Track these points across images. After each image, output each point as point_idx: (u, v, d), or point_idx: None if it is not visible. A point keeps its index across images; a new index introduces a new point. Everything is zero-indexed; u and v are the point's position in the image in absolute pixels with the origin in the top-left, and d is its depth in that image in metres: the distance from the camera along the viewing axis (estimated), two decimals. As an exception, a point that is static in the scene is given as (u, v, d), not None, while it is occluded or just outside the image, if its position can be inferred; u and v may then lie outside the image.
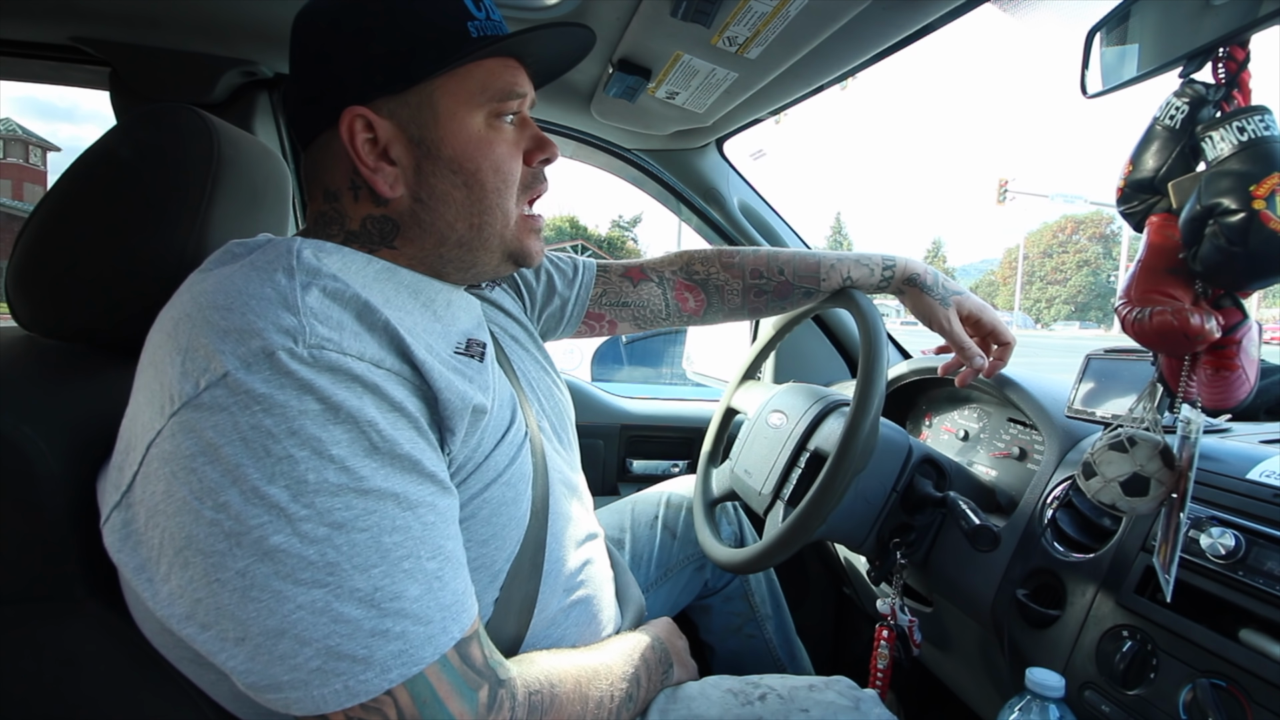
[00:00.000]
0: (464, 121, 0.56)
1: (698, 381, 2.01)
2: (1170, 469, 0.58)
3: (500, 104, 0.58)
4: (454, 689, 0.45)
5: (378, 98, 0.55)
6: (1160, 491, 0.58)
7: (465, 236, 0.59)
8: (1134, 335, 0.60)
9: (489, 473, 0.55)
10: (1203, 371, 0.60)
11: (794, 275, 0.94)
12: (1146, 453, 0.58)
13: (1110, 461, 0.60)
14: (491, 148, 0.58)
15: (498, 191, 0.58)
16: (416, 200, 0.57)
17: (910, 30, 0.87)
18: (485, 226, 0.59)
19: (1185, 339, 0.57)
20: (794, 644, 1.08)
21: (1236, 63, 0.54)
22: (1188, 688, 0.56)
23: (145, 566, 0.42)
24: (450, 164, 0.56)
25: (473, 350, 0.58)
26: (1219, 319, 0.57)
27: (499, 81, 0.58)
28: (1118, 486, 0.60)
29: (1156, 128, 0.60)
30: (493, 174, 0.58)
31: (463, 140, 0.56)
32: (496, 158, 0.58)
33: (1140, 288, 0.60)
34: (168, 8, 0.97)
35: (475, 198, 0.58)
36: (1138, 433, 0.60)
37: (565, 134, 1.36)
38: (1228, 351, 0.58)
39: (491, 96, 0.57)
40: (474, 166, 0.57)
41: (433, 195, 0.57)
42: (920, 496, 0.84)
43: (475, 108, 0.57)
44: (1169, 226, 0.59)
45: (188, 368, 0.42)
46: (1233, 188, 0.52)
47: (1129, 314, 0.60)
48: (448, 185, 0.57)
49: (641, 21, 0.89)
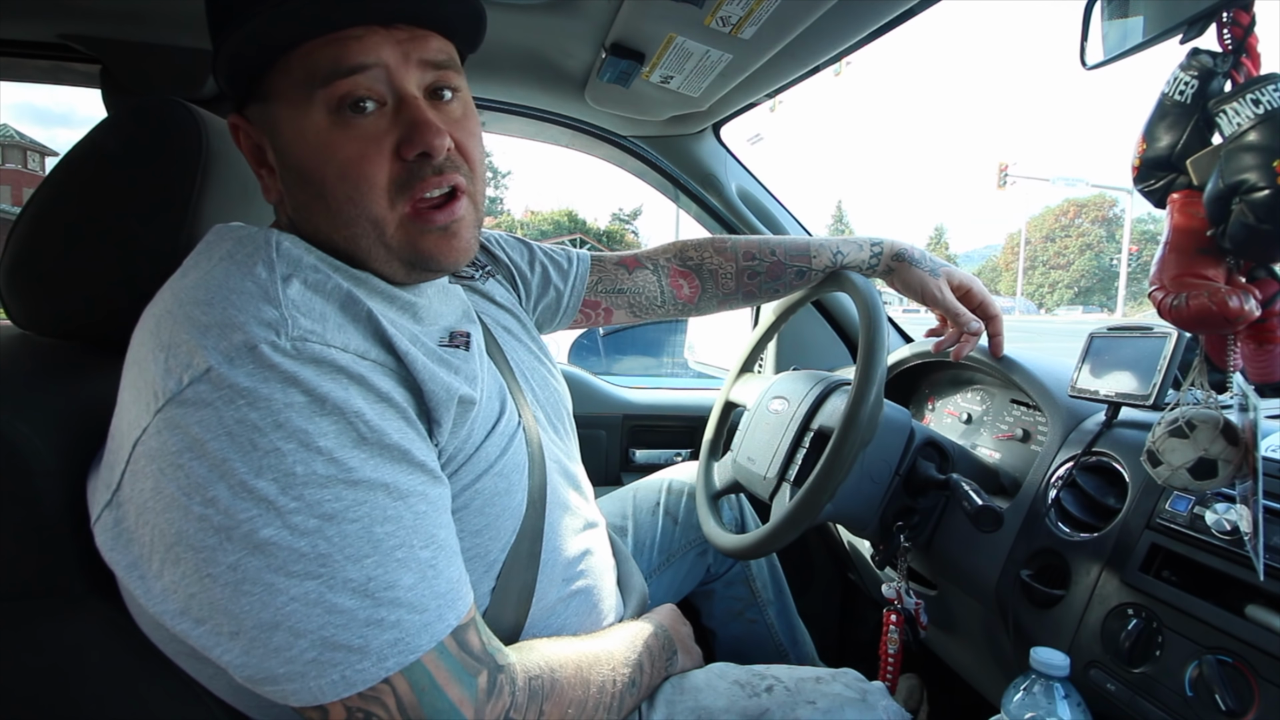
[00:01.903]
0: (300, 124, 0.49)
1: (699, 371, 2.00)
2: (1235, 445, 0.56)
3: (328, 89, 0.48)
4: (452, 675, 0.45)
5: (247, 104, 0.52)
6: (1229, 470, 0.56)
7: (345, 247, 0.52)
8: (1173, 321, 0.59)
9: (480, 464, 0.55)
10: (1246, 347, 0.59)
11: (785, 255, 0.95)
12: (1208, 435, 0.57)
13: (1174, 449, 0.59)
14: (334, 150, 0.49)
15: (351, 200, 0.50)
16: (292, 207, 0.53)
17: (906, 6, 0.86)
18: (357, 238, 0.51)
19: (1225, 321, 0.55)
20: (796, 629, 1.08)
21: (1242, 28, 0.53)
22: (1193, 664, 0.56)
23: (137, 564, 0.42)
24: (299, 175, 0.50)
25: (456, 341, 0.58)
26: (1257, 295, 0.56)
27: (320, 60, 0.47)
28: (1185, 473, 0.58)
29: (1166, 103, 0.58)
30: (339, 181, 0.49)
31: (303, 145, 0.49)
32: (341, 161, 0.49)
33: (1172, 271, 0.58)
34: (156, 2, 0.96)
35: (332, 209, 0.50)
36: (1195, 413, 0.58)
37: (560, 122, 1.35)
38: (1269, 324, 0.57)
39: (317, 82, 0.48)
40: (319, 175, 0.49)
41: (299, 204, 0.52)
42: (923, 479, 0.84)
43: (308, 104, 0.48)
44: (1193, 204, 0.57)
45: (170, 364, 0.42)
46: (1256, 164, 0.50)
47: (1164, 300, 0.58)
48: (305, 196, 0.51)
49: (633, 3, 0.88)
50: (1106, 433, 0.76)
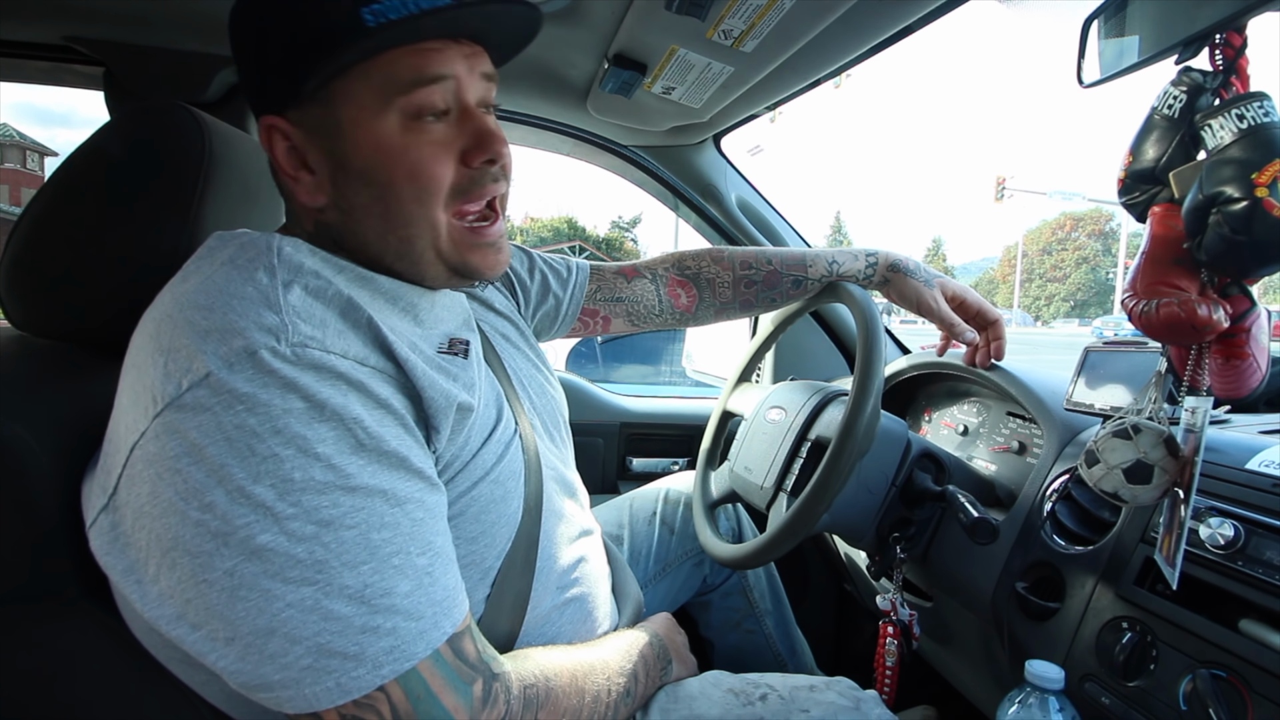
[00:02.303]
0: (371, 128, 0.50)
1: (697, 379, 2.01)
2: (1174, 458, 0.57)
3: (409, 96, 0.50)
4: (448, 683, 0.45)
5: (289, 106, 0.51)
6: (1164, 480, 0.58)
7: (398, 249, 0.54)
8: (1141, 328, 0.60)
9: (476, 471, 0.55)
10: (1213, 361, 0.59)
11: (781, 265, 0.97)
12: (1150, 440, 0.58)
13: (1114, 449, 0.60)
14: (405, 153, 0.51)
15: (417, 200, 0.52)
16: (339, 210, 0.53)
17: (906, 22, 0.87)
18: (413, 240, 0.53)
19: (1193, 330, 0.56)
20: (795, 639, 1.08)
21: (1233, 49, 0.54)
22: (1188, 678, 0.56)
23: (133, 569, 0.42)
24: (361, 177, 0.52)
25: (455, 348, 0.57)
26: (1226, 308, 0.57)
27: (411, 72, 0.50)
28: (1120, 474, 0.59)
29: (1155, 117, 0.59)
30: (408, 182, 0.51)
31: (371, 149, 0.51)
32: (412, 163, 0.51)
33: (1146, 280, 0.59)
34: (161, 6, 0.97)
35: (393, 210, 0.52)
36: (1142, 421, 0.59)
37: (562, 131, 1.36)
38: (1238, 340, 0.58)
39: (397, 90, 0.50)
40: (386, 177, 0.51)
41: (352, 208, 0.53)
42: (919, 491, 0.84)
43: (384, 109, 0.50)
44: (1172, 217, 0.58)
45: (170, 369, 0.42)
46: (1234, 176, 0.51)
47: (1136, 307, 0.59)
48: (364, 198, 0.52)
49: (636, 15, 0.89)
50: (1102, 446, 0.76)
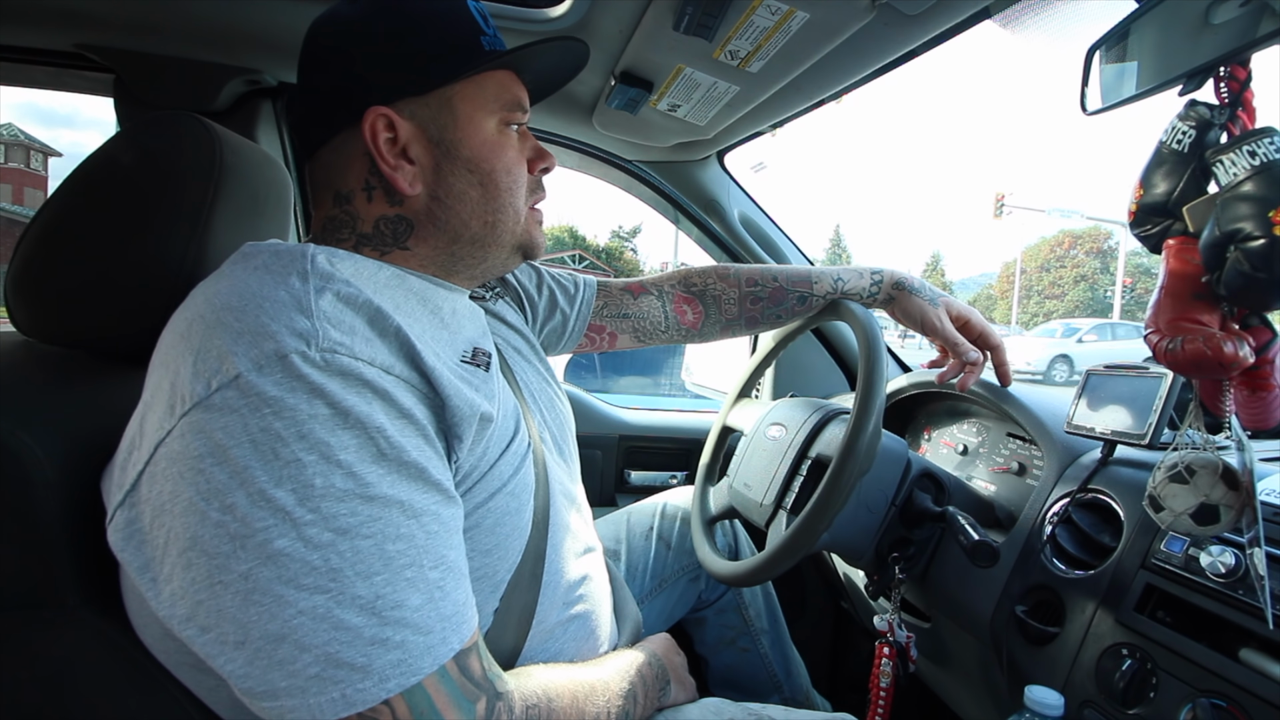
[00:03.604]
0: (480, 125, 0.60)
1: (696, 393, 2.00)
2: (1235, 490, 0.57)
3: (509, 113, 0.62)
4: (452, 700, 0.45)
5: (399, 99, 0.57)
6: (1231, 516, 0.57)
7: (479, 234, 0.61)
8: (1168, 364, 0.59)
9: (493, 482, 0.55)
10: (1239, 393, 0.59)
11: (787, 281, 0.97)
12: (1208, 480, 0.57)
13: (1175, 495, 0.59)
14: (504, 151, 0.61)
15: (510, 190, 0.62)
16: (434, 199, 0.59)
17: (910, 46, 0.88)
18: (499, 224, 0.62)
19: (1220, 366, 0.56)
20: (790, 659, 1.07)
21: (1239, 82, 0.54)
22: (1188, 707, 0.56)
23: (149, 566, 0.42)
24: (468, 164, 0.59)
25: (479, 359, 0.59)
26: (1250, 342, 0.56)
27: (508, 93, 0.62)
28: (1188, 519, 0.59)
29: (1164, 151, 0.59)
30: (505, 174, 0.61)
31: (478, 142, 0.60)
32: (508, 160, 0.62)
33: (1167, 315, 0.59)
34: (173, 16, 0.98)
35: (490, 196, 0.61)
36: (1195, 458, 0.59)
37: (567, 145, 1.37)
38: (1262, 372, 0.58)
39: (502, 106, 0.61)
40: (489, 167, 0.60)
41: (450, 193, 0.59)
42: (919, 511, 0.84)
43: (489, 114, 0.60)
44: (1188, 250, 0.58)
45: (199, 368, 0.42)
46: (1251, 214, 0.51)
47: (1160, 343, 0.59)
48: (464, 184, 0.60)
49: (644, 35, 0.90)
50: (1102, 470, 0.76)
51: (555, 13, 0.92)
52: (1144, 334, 0.62)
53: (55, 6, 0.96)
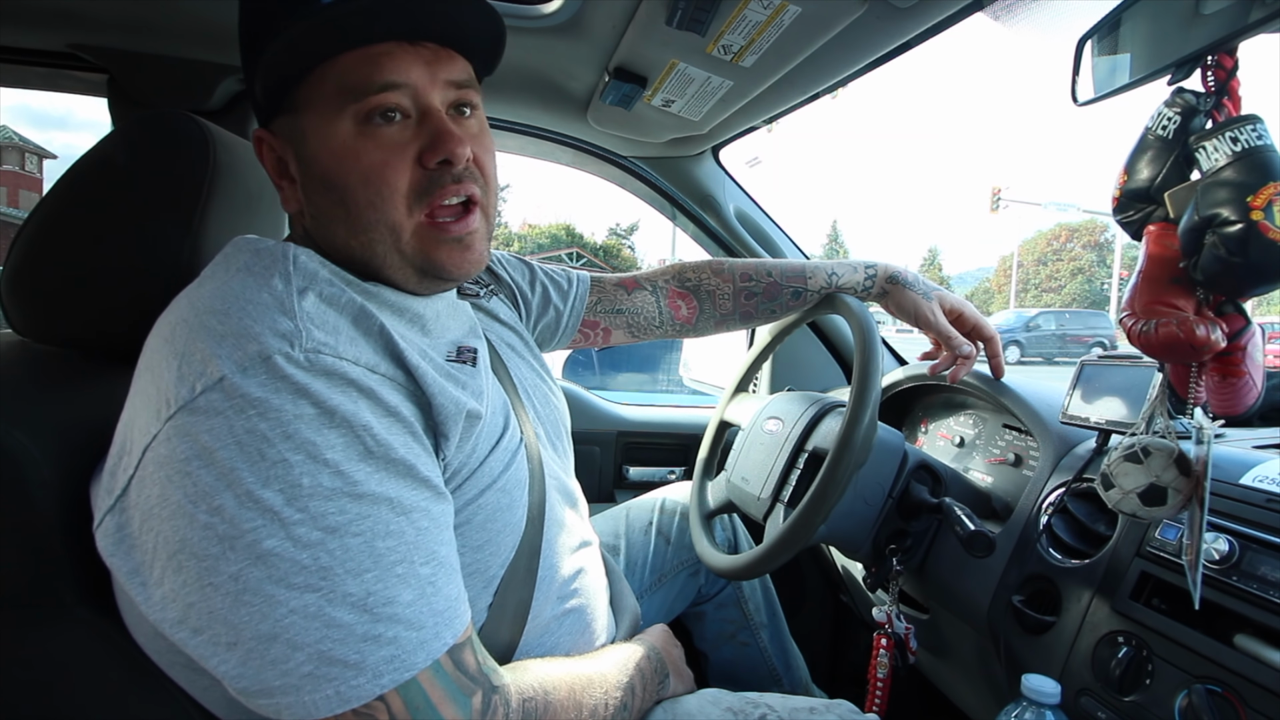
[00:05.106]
0: (328, 132, 0.51)
1: (694, 388, 2.01)
2: (1186, 476, 0.57)
3: (360, 102, 0.51)
4: (447, 695, 0.45)
5: (275, 117, 0.55)
6: (1178, 500, 0.58)
7: (361, 255, 0.54)
8: (1140, 347, 0.60)
9: (483, 479, 0.55)
10: (1210, 379, 0.60)
11: (781, 276, 0.97)
12: (1161, 462, 0.58)
13: (1126, 473, 0.60)
14: (358, 158, 0.51)
15: (372, 205, 0.52)
16: (312, 218, 0.55)
17: (903, 39, 0.88)
18: (373, 244, 0.53)
19: (1192, 349, 0.57)
20: (790, 653, 1.07)
21: (1225, 70, 0.55)
22: (1183, 694, 0.56)
23: (139, 570, 0.42)
24: (323, 181, 0.53)
25: (464, 356, 0.58)
26: (1223, 328, 0.57)
27: (353, 75, 0.51)
28: (1136, 498, 0.59)
29: (1149, 137, 0.60)
30: (362, 186, 0.52)
31: (329, 153, 0.52)
32: (366, 168, 0.51)
33: (1143, 299, 0.60)
34: (166, 15, 0.97)
35: (351, 215, 0.53)
36: (1151, 442, 0.59)
37: (562, 141, 1.36)
38: (1234, 358, 0.59)
39: (350, 95, 0.51)
40: (342, 181, 0.52)
41: (319, 213, 0.54)
42: (916, 502, 0.84)
43: (338, 114, 0.51)
44: (1168, 236, 0.59)
45: (184, 372, 0.42)
46: (1230, 199, 0.52)
47: (1134, 326, 0.60)
48: (327, 202, 0.53)
49: (637, 30, 0.90)
50: (1097, 459, 0.76)
51: (547, 9, 0.92)
52: (1120, 317, 0.62)
53: (48, 6, 0.95)
